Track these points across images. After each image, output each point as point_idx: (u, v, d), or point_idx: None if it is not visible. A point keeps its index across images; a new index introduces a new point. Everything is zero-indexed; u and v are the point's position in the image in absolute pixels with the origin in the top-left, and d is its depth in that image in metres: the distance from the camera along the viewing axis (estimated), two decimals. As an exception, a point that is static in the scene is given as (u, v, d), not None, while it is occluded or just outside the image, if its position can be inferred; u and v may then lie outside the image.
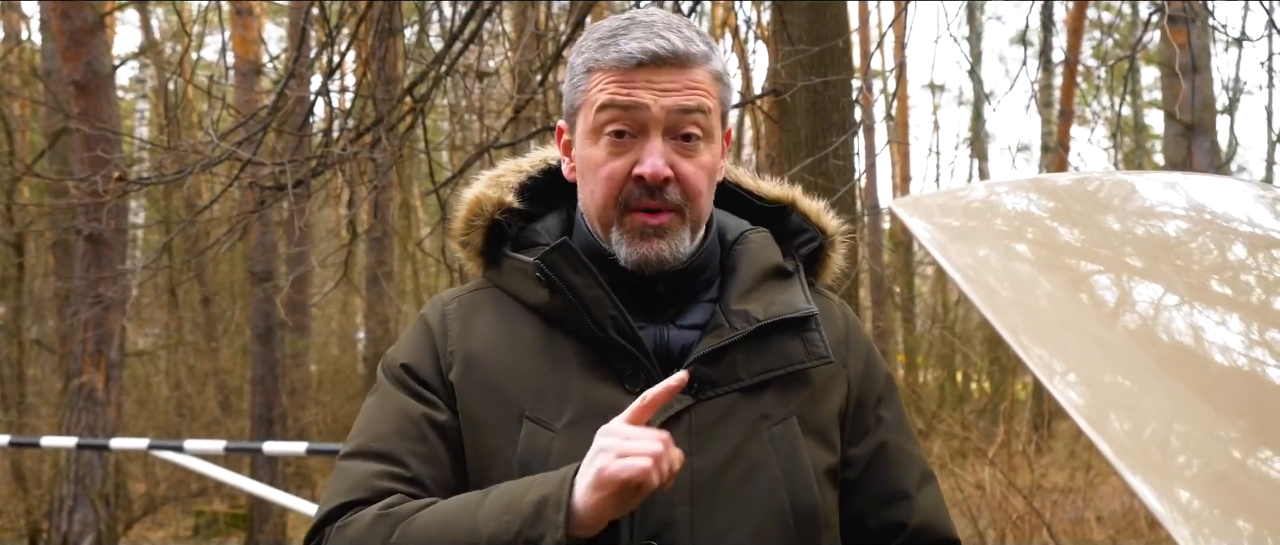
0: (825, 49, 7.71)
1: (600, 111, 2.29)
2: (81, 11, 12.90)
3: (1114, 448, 1.33)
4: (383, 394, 2.41)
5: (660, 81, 2.27)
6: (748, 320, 2.35)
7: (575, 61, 2.36)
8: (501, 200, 2.45)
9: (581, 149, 2.36)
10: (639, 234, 2.31)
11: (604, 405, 2.24)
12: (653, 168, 2.27)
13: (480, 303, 2.46)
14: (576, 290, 2.30)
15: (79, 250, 13.36)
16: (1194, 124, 13.17)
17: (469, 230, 2.47)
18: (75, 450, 12.61)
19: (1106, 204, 1.92)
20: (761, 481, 2.30)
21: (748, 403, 2.34)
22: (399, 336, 2.54)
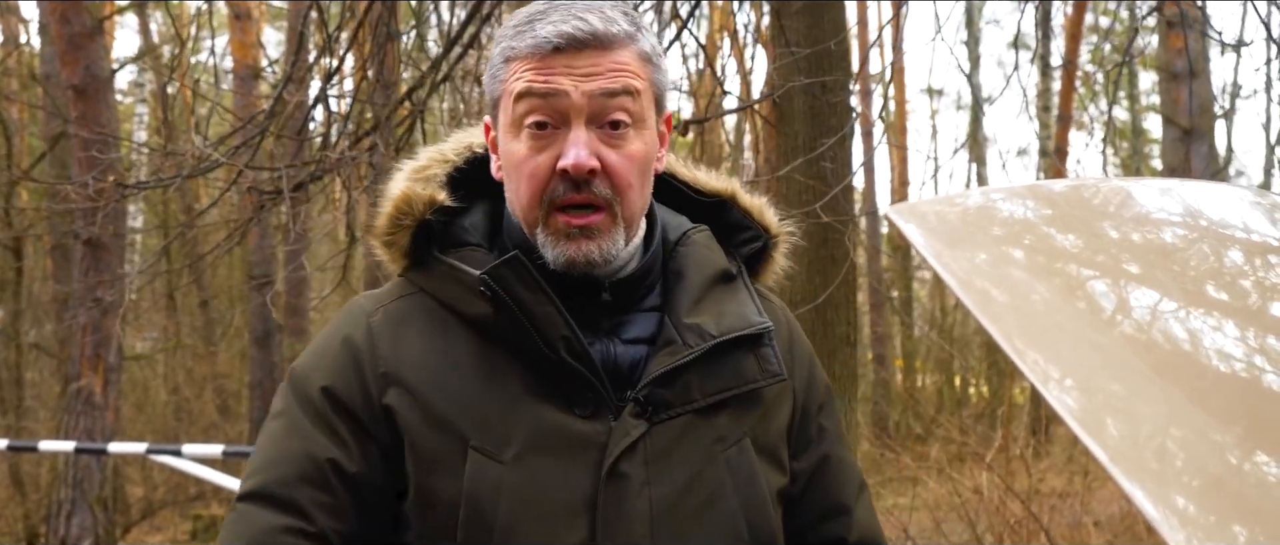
0: (822, 53, 7.73)
1: (518, 101, 2.11)
2: (80, 15, 12.90)
3: (1109, 453, 1.34)
4: (291, 423, 2.18)
5: (581, 66, 2.09)
6: (701, 336, 2.20)
7: (494, 52, 2.18)
8: (433, 198, 2.23)
9: (504, 144, 2.18)
10: (565, 235, 2.13)
11: (554, 432, 2.10)
12: (576, 159, 2.08)
13: (407, 313, 2.24)
14: (527, 308, 2.10)
15: (77, 254, 13.36)
16: (1192, 128, 13.17)
17: (395, 230, 2.24)
18: (73, 454, 12.61)
19: (1102, 210, 1.92)
20: (720, 510, 2.18)
21: (702, 425, 2.20)
22: (310, 346, 2.31)
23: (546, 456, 2.07)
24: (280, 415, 2.20)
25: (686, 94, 18.95)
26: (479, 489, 2.06)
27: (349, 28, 9.22)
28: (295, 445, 2.14)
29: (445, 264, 2.20)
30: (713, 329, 2.21)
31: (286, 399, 2.21)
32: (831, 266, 8.04)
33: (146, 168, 13.23)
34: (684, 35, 8.85)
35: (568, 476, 2.09)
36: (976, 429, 17.21)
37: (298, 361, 2.25)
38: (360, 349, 2.18)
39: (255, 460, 2.18)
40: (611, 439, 2.11)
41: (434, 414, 2.11)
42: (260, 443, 2.20)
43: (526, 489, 2.06)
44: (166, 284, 16.76)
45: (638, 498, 2.10)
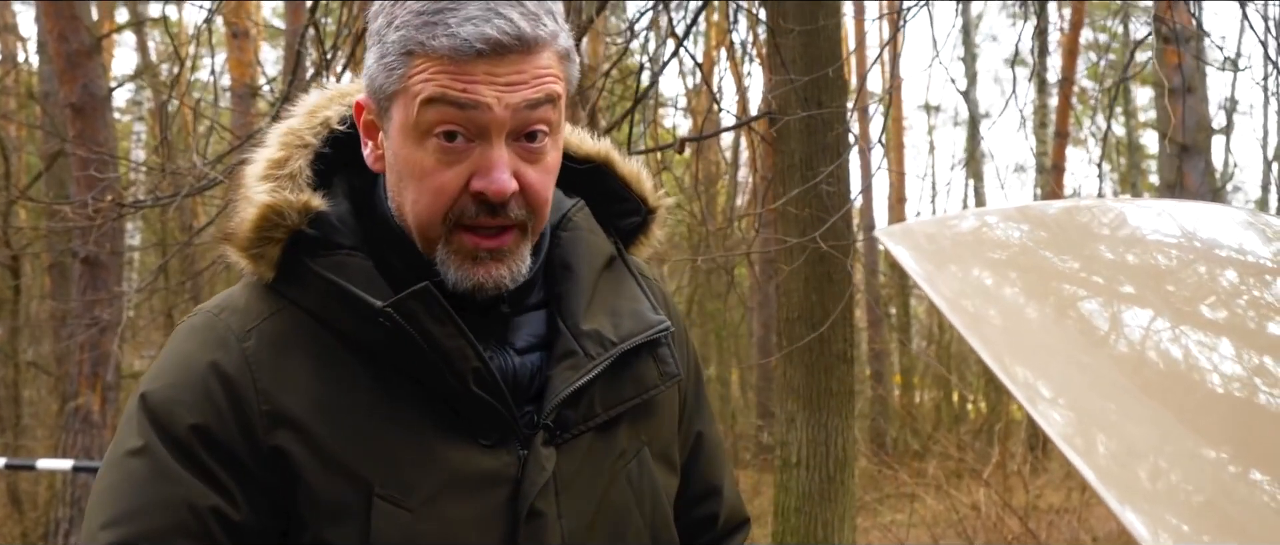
0: (818, 73, 7.75)
1: (428, 107, 1.82)
2: (78, 34, 12.89)
3: (1098, 473, 1.34)
4: (156, 464, 1.86)
5: (503, 73, 1.81)
6: (601, 343, 2.01)
7: (387, 34, 1.85)
8: (307, 204, 1.93)
9: (399, 146, 1.88)
10: (471, 257, 1.89)
11: (462, 471, 1.90)
12: (500, 185, 1.83)
13: (285, 335, 1.94)
14: (436, 343, 1.87)
15: (75, 272, 13.35)
16: (1188, 145, 13.18)
17: (264, 242, 1.93)
18: (71, 473, 12.59)
19: (1096, 232, 1.93)
20: (628, 532, 2.05)
21: (602, 442, 2.04)
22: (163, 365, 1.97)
23: (456, 499, 1.89)
24: (140, 453, 1.87)
25: (683, 111, 18.97)
26: (387, 541, 1.85)
27: (346, 45, 9.23)
28: (165, 491, 1.84)
29: (327, 281, 1.91)
30: (612, 334, 2.04)
31: (144, 432, 1.89)
32: (829, 285, 8.06)
33: (145, 186, 13.24)
34: (681, 52, 8.86)
35: (480, 519, 1.91)
36: (974, 445, 17.22)
37: (151, 386, 1.93)
38: (236, 382, 1.89)
39: (114, 505, 1.86)
40: (526, 475, 1.94)
41: (332, 457, 1.86)
42: (115, 481, 1.89)
43: (437, 537, 1.87)
44: (165, 302, 16.72)
45: (551, 535, 1.94)
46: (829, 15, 8.09)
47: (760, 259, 16.42)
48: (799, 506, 8.21)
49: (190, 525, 1.82)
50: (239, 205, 1.97)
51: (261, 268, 1.94)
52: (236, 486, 1.86)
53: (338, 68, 9.21)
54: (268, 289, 1.97)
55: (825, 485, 8.14)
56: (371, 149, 1.98)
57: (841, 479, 8.20)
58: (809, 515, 8.17)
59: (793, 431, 8.22)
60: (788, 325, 8.23)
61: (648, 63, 9.02)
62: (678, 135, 14.38)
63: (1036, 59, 10.92)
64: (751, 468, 19.11)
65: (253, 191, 1.95)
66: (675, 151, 8.72)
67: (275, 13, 26.05)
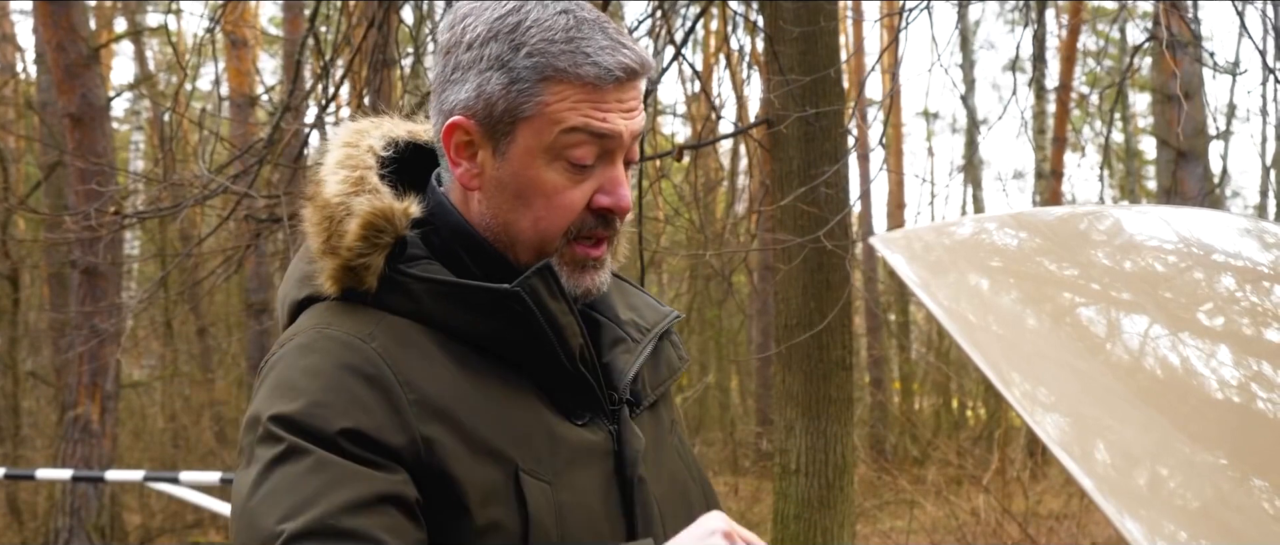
0: (817, 79, 7.76)
1: (569, 134, 1.97)
2: (76, 44, 12.91)
3: (1095, 480, 1.34)
4: (317, 461, 1.83)
5: (627, 101, 2.00)
6: (640, 330, 2.19)
7: (515, 60, 1.97)
8: (408, 211, 2.04)
9: (523, 167, 2.00)
10: (581, 266, 2.06)
11: (579, 445, 2.02)
12: (627, 202, 2.04)
13: (401, 337, 1.98)
14: (555, 320, 2.00)
15: (74, 283, 13.36)
16: (1186, 151, 13.20)
17: (370, 250, 2.00)
18: (71, 482, 12.60)
19: (1093, 238, 1.93)
20: (691, 497, 2.21)
21: (655, 419, 2.21)
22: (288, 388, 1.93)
23: (579, 470, 2.01)
24: (291, 455, 1.84)
25: (682, 118, 18.98)
26: (542, 514, 1.93)
27: (345, 55, 9.24)
28: (332, 476, 1.82)
29: (434, 281, 2.01)
30: (643, 322, 2.22)
31: (291, 442, 1.85)
32: (828, 292, 8.06)
33: (144, 196, 13.23)
34: (679, 59, 8.87)
35: (599, 487, 2.04)
36: (974, 451, 17.21)
37: (278, 409, 1.89)
38: (379, 378, 1.91)
39: (276, 505, 1.80)
40: (625, 445, 2.08)
41: (479, 441, 1.93)
42: (272, 490, 1.82)
43: (577, 506, 1.99)
44: (164, 311, 16.73)
45: (651, 500, 2.09)
46: (827, 18, 8.10)
47: (759, 266, 16.43)
48: (798, 513, 8.20)
49: (371, 503, 1.80)
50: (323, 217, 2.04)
51: (368, 278, 2.01)
52: (403, 475, 1.87)
53: (336, 77, 9.22)
54: (354, 305, 2.03)
55: (824, 492, 8.14)
56: (467, 167, 2.06)
57: (841, 486, 8.20)
58: (808, 522, 8.16)
59: (792, 438, 8.22)
60: (786, 332, 8.23)
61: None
62: (676, 142, 14.40)
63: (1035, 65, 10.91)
64: (751, 475, 19.10)
65: (352, 202, 2.02)
66: (674, 159, 8.73)
67: (274, 22, 26.06)
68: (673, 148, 8.48)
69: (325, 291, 2.05)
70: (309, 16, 9.68)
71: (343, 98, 10.52)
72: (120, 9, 22.08)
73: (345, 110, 10.67)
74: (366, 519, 1.78)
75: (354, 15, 9.19)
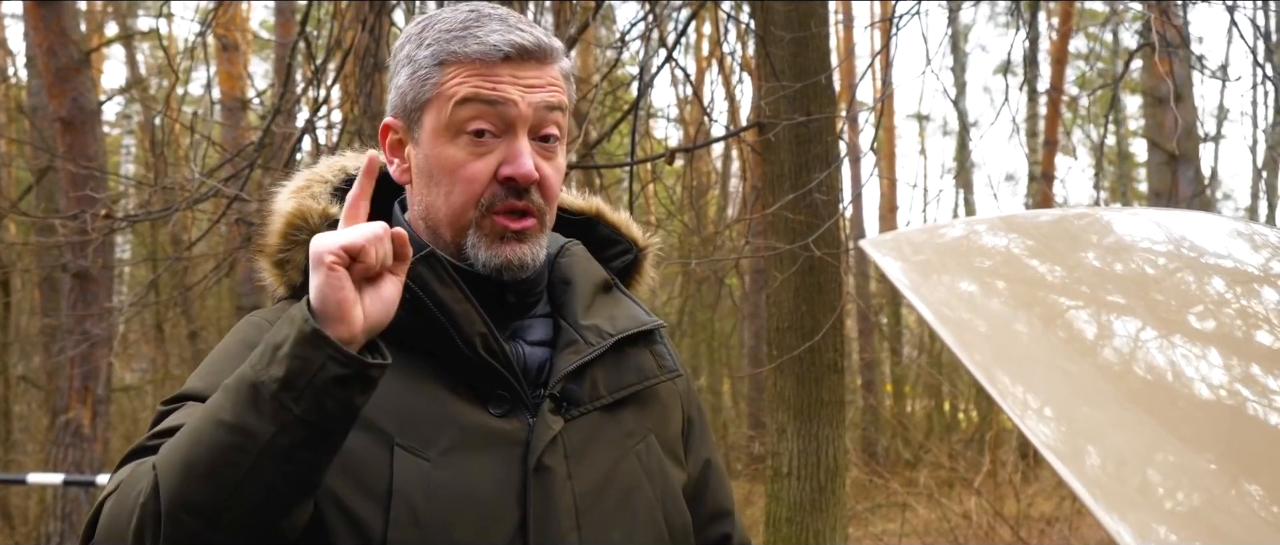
0: (808, 83, 7.76)
1: (462, 106, 2.12)
2: (67, 48, 12.89)
3: (1086, 484, 1.34)
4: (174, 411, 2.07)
5: (525, 77, 2.13)
6: (600, 334, 2.25)
7: (417, 53, 2.16)
8: (325, 212, 2.22)
9: (431, 148, 2.16)
10: (499, 237, 2.16)
11: (475, 430, 2.10)
12: (526, 168, 2.12)
13: None
14: (445, 306, 2.09)
15: (66, 287, 13.33)
16: (1177, 153, 13.22)
17: (290, 246, 2.20)
18: (62, 487, 12.57)
19: (1084, 240, 1.93)
20: (639, 503, 2.23)
21: (610, 422, 2.25)
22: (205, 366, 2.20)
23: (470, 454, 2.07)
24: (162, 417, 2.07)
25: (674, 122, 18.99)
26: (408, 487, 2.02)
27: (336, 58, 9.23)
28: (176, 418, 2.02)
29: None
30: (609, 328, 2.27)
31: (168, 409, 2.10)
32: (820, 295, 8.07)
33: (135, 200, 13.22)
34: (671, 63, 8.87)
35: (493, 472, 2.09)
36: (965, 454, 17.23)
37: (186, 384, 2.14)
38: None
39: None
40: (533, 435, 2.12)
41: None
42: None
43: (455, 485, 2.04)
44: (155, 315, 16.72)
45: (562, 492, 2.11)
46: (819, 22, 8.10)
47: (751, 269, 16.44)
48: (790, 516, 8.21)
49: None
50: (266, 222, 2.25)
51: (290, 273, 2.21)
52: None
53: (327, 80, 9.22)
54: (290, 301, 2.21)
55: (816, 495, 8.14)
56: (398, 164, 2.25)
57: (833, 488, 8.20)
58: (800, 525, 8.17)
59: (784, 441, 8.22)
60: (778, 335, 8.24)
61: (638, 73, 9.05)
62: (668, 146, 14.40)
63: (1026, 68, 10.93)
64: (743, 478, 19.09)
65: (279, 204, 2.24)
66: (665, 162, 8.74)
67: (265, 26, 26.05)
68: (664, 151, 8.47)
69: (274, 291, 2.27)
70: (300, 20, 9.68)
71: (334, 101, 10.52)
72: (111, 13, 22.08)
73: (336, 114, 10.66)
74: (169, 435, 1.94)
75: (345, 19, 9.19)
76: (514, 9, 8.61)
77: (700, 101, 11.32)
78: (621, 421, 2.27)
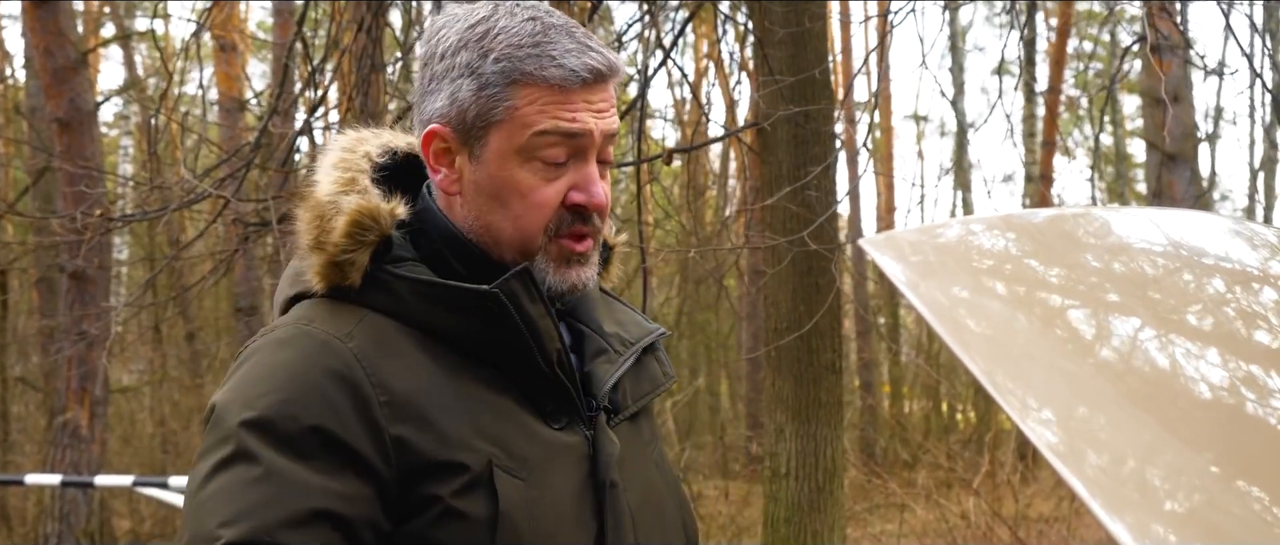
0: (805, 82, 7.76)
1: (540, 136, 2.05)
2: (64, 48, 12.88)
3: (1087, 484, 1.34)
4: (265, 470, 1.87)
5: (596, 101, 2.09)
6: (623, 342, 2.26)
7: (483, 66, 2.06)
8: (395, 211, 2.10)
9: (498, 168, 2.09)
10: (566, 260, 2.13)
11: (554, 446, 2.08)
12: (599, 199, 2.11)
13: (380, 336, 2.04)
14: (532, 322, 2.05)
15: (63, 287, 13.34)
16: (1175, 153, 13.22)
17: (355, 247, 2.06)
18: (60, 488, 12.57)
19: (1082, 240, 1.92)
20: (668, 510, 2.29)
21: (634, 431, 2.27)
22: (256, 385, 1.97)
23: (554, 471, 2.06)
24: (245, 459, 1.88)
25: (672, 122, 18.99)
26: (513, 509, 1.98)
27: (333, 60, 9.23)
28: (278, 491, 1.86)
29: (416, 280, 2.07)
30: (626, 335, 2.29)
31: (246, 444, 1.89)
32: (816, 294, 8.06)
33: (132, 200, 13.22)
34: (668, 63, 8.86)
35: (569, 487, 2.09)
36: (964, 455, 17.24)
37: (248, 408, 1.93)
38: (355, 381, 1.95)
39: (220, 508, 1.85)
40: (600, 449, 2.13)
41: (452, 438, 1.97)
42: (219, 490, 1.87)
43: (547, 502, 2.03)
44: (153, 316, 16.71)
45: (624, 505, 2.13)
46: (814, 18, 8.10)
47: (749, 269, 16.44)
48: (788, 517, 8.21)
49: (305, 521, 1.85)
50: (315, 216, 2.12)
51: (352, 275, 2.07)
52: (356, 487, 1.91)
53: (325, 81, 9.21)
54: (339, 302, 2.10)
55: (815, 495, 8.14)
56: (446, 173, 2.15)
57: (831, 489, 8.20)
58: (798, 526, 8.16)
59: (782, 442, 8.22)
60: (775, 335, 8.23)
61: (635, 74, 9.04)
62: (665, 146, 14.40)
63: (1023, 68, 10.94)
64: (741, 478, 19.09)
65: (340, 200, 2.11)
66: (662, 162, 8.74)
67: (262, 26, 26.05)
68: (662, 151, 8.47)
69: (313, 288, 2.11)
70: (297, 21, 9.67)
71: (331, 101, 10.52)
72: (108, 13, 22.07)
73: (334, 114, 10.67)
74: (300, 535, 1.83)
75: (342, 19, 9.18)
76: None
77: (698, 102, 11.33)
78: (640, 430, 2.31)
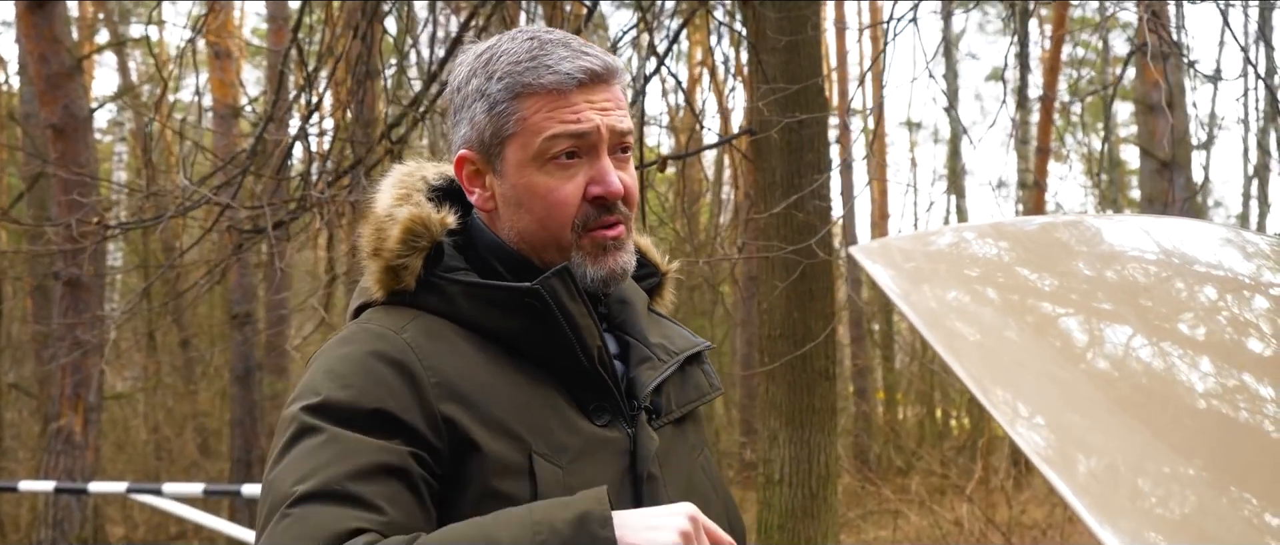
0: (800, 89, 7.76)
1: (550, 141, 2.21)
2: (59, 55, 12.87)
3: (1077, 492, 1.34)
4: (332, 437, 2.03)
5: (598, 100, 2.24)
6: (668, 352, 2.40)
7: (490, 87, 2.24)
8: (444, 220, 2.28)
9: (518, 177, 2.26)
10: (602, 248, 2.28)
11: (594, 438, 2.21)
12: (614, 186, 2.25)
13: (430, 331, 2.20)
14: (573, 320, 2.20)
15: (57, 294, 13.32)
16: (1169, 160, 13.23)
17: (409, 252, 2.24)
18: (53, 494, 12.56)
19: (1074, 248, 1.93)
20: (714, 510, 2.34)
21: (678, 435, 2.39)
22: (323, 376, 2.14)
23: (592, 461, 2.18)
24: (311, 432, 2.04)
25: (666, 129, 18.98)
26: (550, 493, 2.08)
27: (328, 66, 9.23)
28: (341, 448, 2.01)
29: (464, 283, 2.25)
30: (672, 346, 2.43)
31: (309, 422, 2.05)
32: (811, 302, 8.06)
33: (127, 207, 13.21)
34: (662, 71, 8.87)
35: (611, 479, 2.19)
36: (957, 461, 17.23)
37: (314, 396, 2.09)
38: (405, 362, 2.13)
39: (293, 471, 1.99)
40: (639, 444, 2.26)
41: (495, 423, 2.13)
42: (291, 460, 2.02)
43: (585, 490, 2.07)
44: (147, 323, 16.70)
45: (663, 498, 2.23)
46: (811, 28, 8.10)
47: (744, 277, 16.43)
48: (782, 523, 8.20)
49: (377, 472, 2.00)
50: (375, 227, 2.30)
51: (407, 278, 2.26)
52: (414, 457, 2.06)
53: (320, 87, 9.21)
54: (396, 305, 2.28)
55: (808, 502, 8.13)
56: (480, 193, 2.33)
57: (824, 496, 8.19)
58: (792, 532, 8.16)
59: (775, 449, 8.21)
60: (770, 342, 8.23)
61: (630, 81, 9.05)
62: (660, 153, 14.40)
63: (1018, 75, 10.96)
64: (735, 485, 19.09)
65: (396, 211, 2.29)
66: (657, 169, 8.74)
67: (257, 33, 26.03)
68: (656, 158, 8.48)
69: (372, 293, 2.31)
70: (292, 27, 9.67)
71: (326, 108, 10.52)
72: (103, 20, 22.06)
73: (328, 121, 10.67)
74: (368, 486, 1.98)
75: (337, 26, 9.18)
76: (508, 13, 8.64)
77: (692, 109, 11.33)
78: (686, 435, 2.42)
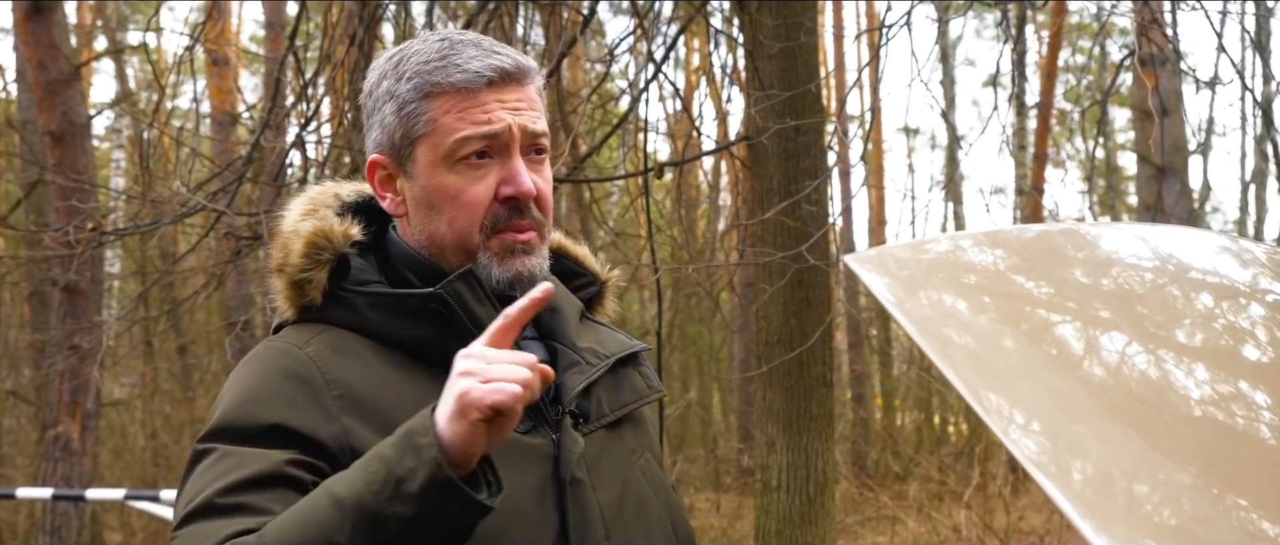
0: (797, 96, 7.77)
1: (460, 142, 2.18)
2: (57, 62, 12.87)
3: (1071, 499, 1.34)
4: (222, 454, 2.05)
5: (510, 100, 2.20)
6: (598, 356, 2.35)
7: (398, 88, 2.21)
8: (348, 232, 2.26)
9: (428, 178, 2.22)
10: (509, 251, 2.22)
11: (511, 446, 2.09)
12: (526, 187, 2.20)
13: (336, 345, 2.19)
14: (482, 325, 2.05)
15: (55, 301, 13.31)
16: (1166, 167, 13.24)
17: (312, 266, 2.22)
18: (51, 501, 12.54)
19: (1070, 256, 1.93)
20: (652, 514, 2.33)
21: (614, 438, 2.34)
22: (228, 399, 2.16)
23: (508, 468, 2.03)
24: (203, 456, 2.07)
25: (664, 135, 18.99)
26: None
27: (326, 72, 9.23)
28: (229, 466, 2.02)
29: (372, 294, 2.23)
30: (603, 350, 2.38)
31: (205, 447, 2.09)
32: (809, 309, 8.06)
33: (124, 213, 13.20)
34: (660, 77, 8.88)
35: (529, 485, 2.15)
36: (955, 467, 17.22)
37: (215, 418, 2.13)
38: (306, 376, 2.13)
39: (184, 497, 2.03)
40: (562, 449, 2.21)
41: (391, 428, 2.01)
42: (184, 490, 2.06)
43: (502, 501, 2.00)
44: (144, 329, 16.69)
45: (592, 502, 2.21)
46: (808, 33, 8.11)
47: (741, 283, 16.44)
48: (779, 530, 8.20)
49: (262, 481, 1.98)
50: (280, 244, 2.29)
51: (311, 293, 2.23)
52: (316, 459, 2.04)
53: (317, 94, 9.21)
54: (306, 322, 2.26)
55: (806, 508, 8.13)
56: (392, 198, 2.31)
57: (822, 502, 8.19)
58: (789, 539, 8.16)
59: (773, 455, 8.21)
60: (767, 349, 8.23)
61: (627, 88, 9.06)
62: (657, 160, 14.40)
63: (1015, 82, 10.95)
64: (732, 491, 19.09)
65: (299, 226, 2.27)
66: (654, 176, 8.74)
67: (255, 40, 26.04)
68: (654, 165, 8.48)
69: (283, 313, 2.29)
70: (289, 34, 9.67)
71: (323, 115, 10.52)
72: (101, 27, 22.05)
73: (326, 128, 10.67)
74: (257, 494, 1.97)
75: (334, 33, 9.18)
76: (505, 19, 8.64)
77: (689, 115, 11.34)
78: (623, 438, 2.37)
